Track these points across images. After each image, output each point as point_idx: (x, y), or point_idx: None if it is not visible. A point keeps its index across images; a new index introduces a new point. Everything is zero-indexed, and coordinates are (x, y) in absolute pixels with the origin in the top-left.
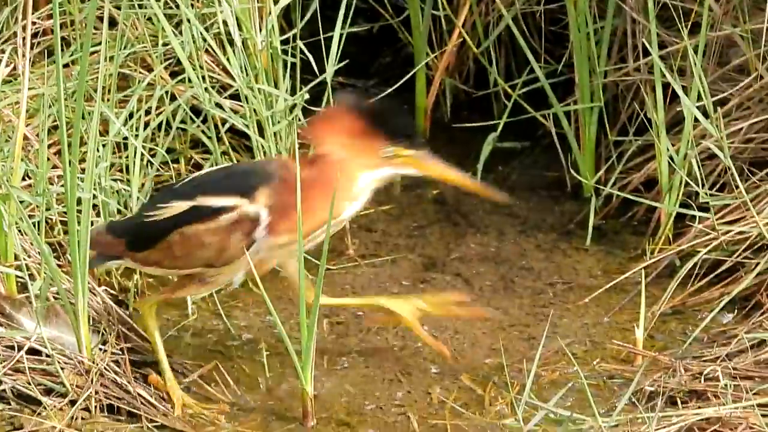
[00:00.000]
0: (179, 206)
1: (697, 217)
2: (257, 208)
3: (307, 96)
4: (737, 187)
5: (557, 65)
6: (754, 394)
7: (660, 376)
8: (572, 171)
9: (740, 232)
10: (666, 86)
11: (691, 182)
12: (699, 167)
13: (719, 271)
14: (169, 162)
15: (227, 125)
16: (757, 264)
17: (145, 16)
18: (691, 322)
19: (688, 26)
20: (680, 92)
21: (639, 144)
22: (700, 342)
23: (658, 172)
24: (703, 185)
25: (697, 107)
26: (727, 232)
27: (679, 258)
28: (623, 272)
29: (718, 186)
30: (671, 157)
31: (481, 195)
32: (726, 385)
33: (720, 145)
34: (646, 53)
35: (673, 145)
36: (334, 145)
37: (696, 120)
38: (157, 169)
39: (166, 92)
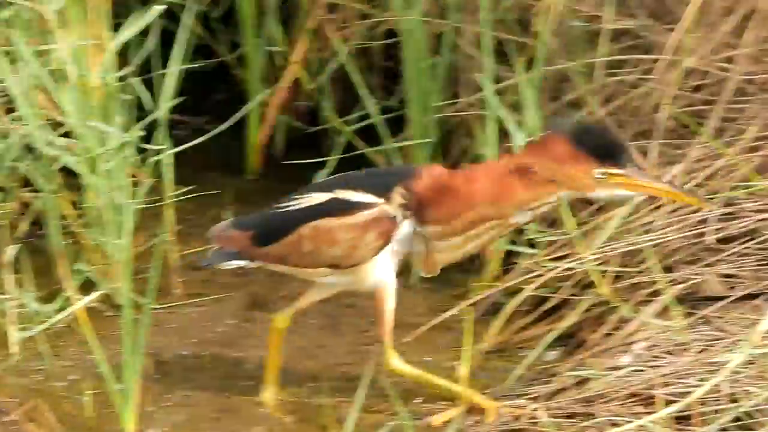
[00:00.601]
0: (316, 198)
1: (525, 254)
2: (394, 209)
3: (140, 133)
4: (565, 223)
5: (391, 101)
6: None
7: (481, 417)
8: None
9: (567, 269)
10: (501, 121)
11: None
12: None
13: (545, 308)
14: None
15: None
16: (582, 301)
17: None
18: (515, 360)
19: (524, 61)
20: (511, 128)
21: None
22: (524, 380)
23: None
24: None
25: None
26: (554, 268)
27: (506, 295)
28: (448, 310)
29: (547, 222)
30: None
31: (694, 205)
32: (547, 423)
33: None
34: (481, 88)
35: None
36: (547, 171)
37: None
38: None
39: None
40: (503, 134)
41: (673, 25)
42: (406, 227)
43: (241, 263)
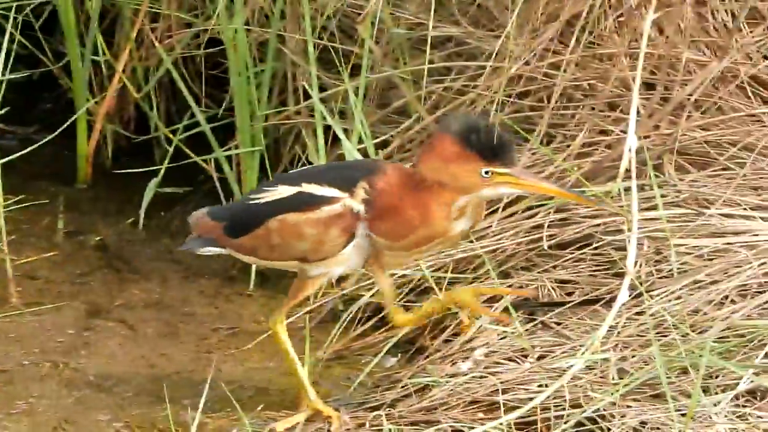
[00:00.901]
0: (284, 190)
1: None
2: (358, 203)
3: None
4: None
5: (219, 109)
6: None
7: (324, 425)
8: None
9: (404, 275)
10: (328, 128)
11: None
12: None
13: (383, 314)
14: None
15: None
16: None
17: None
18: (355, 367)
19: (349, 68)
20: (341, 135)
21: None
22: (366, 387)
23: None
24: None
25: (360, 150)
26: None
27: (344, 302)
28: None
29: None
30: None
31: (581, 204)
32: (390, 431)
33: None
34: (308, 96)
35: None
36: (433, 171)
37: None
38: None
39: None
40: (334, 141)
41: (497, 32)
42: (362, 225)
43: (217, 250)
